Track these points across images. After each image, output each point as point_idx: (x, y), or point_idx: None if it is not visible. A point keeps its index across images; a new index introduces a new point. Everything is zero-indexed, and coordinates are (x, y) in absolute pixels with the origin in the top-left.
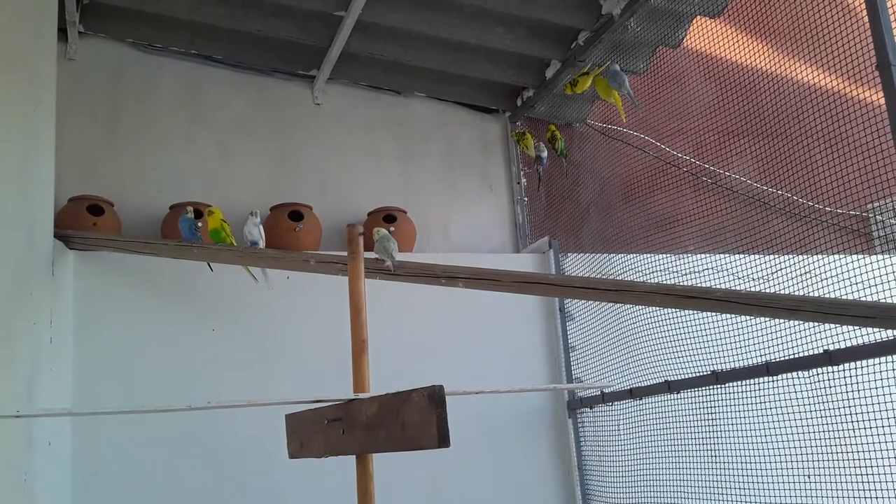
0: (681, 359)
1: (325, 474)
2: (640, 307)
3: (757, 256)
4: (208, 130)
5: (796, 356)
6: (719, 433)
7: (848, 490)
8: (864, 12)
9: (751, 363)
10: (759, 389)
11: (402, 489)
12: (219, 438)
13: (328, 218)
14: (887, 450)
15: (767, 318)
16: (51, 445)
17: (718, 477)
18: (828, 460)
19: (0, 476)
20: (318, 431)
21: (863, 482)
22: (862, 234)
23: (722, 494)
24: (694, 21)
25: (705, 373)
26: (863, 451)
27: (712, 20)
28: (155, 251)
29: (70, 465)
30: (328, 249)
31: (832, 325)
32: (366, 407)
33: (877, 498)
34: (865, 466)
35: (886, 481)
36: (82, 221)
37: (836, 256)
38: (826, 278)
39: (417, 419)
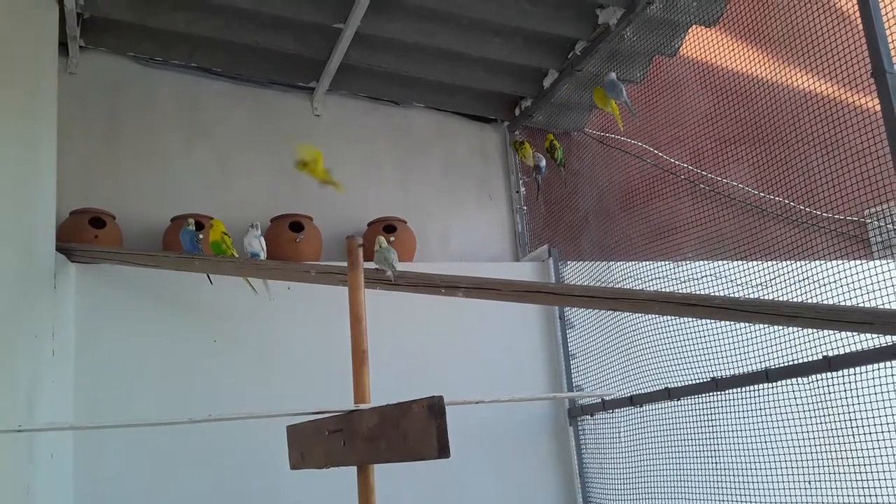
0: (680, 366)
1: (326, 485)
2: (640, 315)
3: (755, 263)
4: (208, 142)
5: (795, 362)
6: (720, 439)
7: (848, 496)
8: (859, 20)
9: (750, 370)
10: (759, 396)
11: (403, 500)
12: (220, 450)
13: (328, 229)
14: (887, 456)
15: (766, 325)
16: (53, 458)
17: (719, 483)
18: (827, 466)
19: (2, 489)
20: (318, 442)
21: (863, 488)
22: (859, 239)
23: (723, 501)
24: (690, 30)
25: (705, 380)
26: (862, 457)
27: (708, 29)
28: (156, 263)
29: (72, 478)
30: (329, 260)
31: (831, 332)
32: (366, 418)
33: None
34: (865, 472)
35: (886, 487)
36: (84, 234)
37: (834, 262)
38: (824, 284)
39: (418, 430)
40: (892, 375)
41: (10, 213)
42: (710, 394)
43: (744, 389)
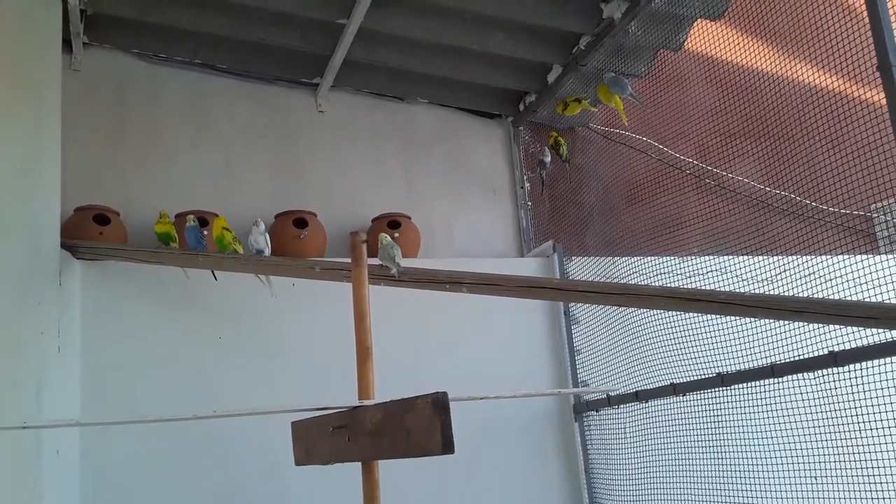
0: (686, 361)
1: (331, 481)
2: (645, 310)
3: (761, 258)
4: (213, 139)
5: (801, 358)
6: (725, 435)
7: (854, 491)
8: (865, 13)
9: (756, 365)
10: (765, 391)
11: (408, 495)
12: (226, 446)
13: (332, 225)
14: (892, 451)
15: (772, 320)
16: (59, 454)
17: (725, 479)
18: (834, 461)
19: (9, 485)
20: (323, 439)
21: (869, 483)
22: (866, 234)
23: (729, 496)
24: (695, 24)
25: (711, 375)
26: (869, 452)
27: (713, 23)
28: (161, 260)
29: (78, 473)
30: (333, 256)
31: (836, 327)
32: (370, 414)
33: (883, 499)
34: (872, 467)
35: (893, 482)
36: (89, 231)
37: (840, 257)
38: (830, 279)
39: (422, 426)
40: None
41: (16, 210)
42: (716, 389)
43: (749, 385)
